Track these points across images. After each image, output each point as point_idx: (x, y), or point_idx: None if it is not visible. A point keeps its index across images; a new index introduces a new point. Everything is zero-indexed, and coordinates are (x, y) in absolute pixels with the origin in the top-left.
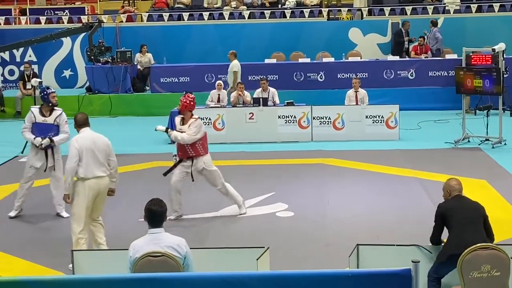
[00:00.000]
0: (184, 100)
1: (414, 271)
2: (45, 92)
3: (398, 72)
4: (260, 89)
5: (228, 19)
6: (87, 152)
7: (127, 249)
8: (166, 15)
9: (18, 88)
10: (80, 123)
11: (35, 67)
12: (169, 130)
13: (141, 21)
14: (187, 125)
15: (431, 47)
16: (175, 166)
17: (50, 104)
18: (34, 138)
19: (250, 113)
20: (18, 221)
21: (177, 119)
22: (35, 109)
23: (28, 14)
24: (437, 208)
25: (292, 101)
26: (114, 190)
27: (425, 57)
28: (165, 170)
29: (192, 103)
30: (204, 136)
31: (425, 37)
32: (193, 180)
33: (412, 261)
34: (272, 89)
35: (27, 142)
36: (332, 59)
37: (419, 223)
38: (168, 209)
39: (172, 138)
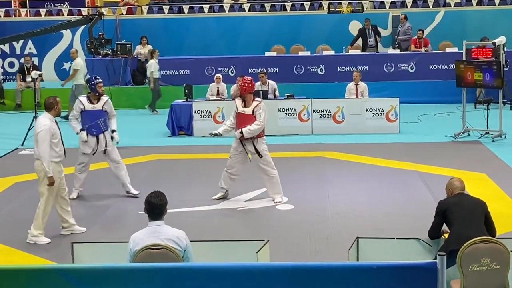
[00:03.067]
0: (242, 84)
1: (440, 264)
2: (92, 82)
3: (398, 65)
4: (259, 82)
5: (229, 12)
6: None
7: (127, 242)
8: (166, 8)
9: (21, 80)
10: (44, 107)
11: (35, 60)
12: (240, 132)
13: (141, 13)
14: (251, 108)
15: (401, 40)
16: (244, 147)
17: (97, 94)
18: (80, 130)
19: None
20: (17, 214)
21: (238, 102)
22: (83, 98)
23: (28, 6)
24: (438, 205)
25: (292, 94)
26: (48, 179)
27: (425, 51)
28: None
29: (250, 85)
30: None
31: (398, 31)
32: (250, 161)
33: (438, 254)
34: (271, 82)
35: (27, 134)
36: (332, 52)
37: (419, 216)
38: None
39: (248, 136)
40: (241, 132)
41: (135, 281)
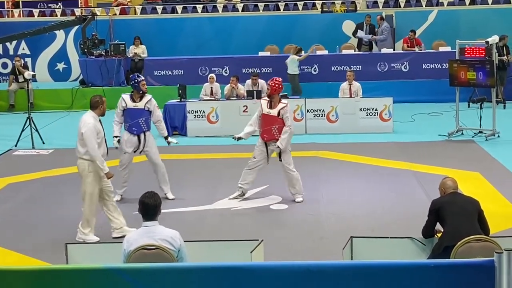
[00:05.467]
0: (273, 84)
1: (498, 262)
2: (135, 80)
3: (391, 64)
4: (250, 81)
5: (222, 11)
6: None
7: (121, 242)
8: (159, 8)
9: (14, 81)
10: (90, 106)
11: (28, 60)
12: (278, 147)
13: (135, 13)
14: (276, 110)
15: (380, 41)
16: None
17: (141, 92)
18: (114, 137)
19: (244, 106)
20: (11, 216)
21: (263, 102)
22: (126, 96)
23: (21, 7)
24: (431, 204)
25: (286, 94)
26: (105, 175)
27: (418, 50)
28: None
29: (280, 86)
30: None
31: (377, 31)
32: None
33: (496, 252)
34: (261, 81)
35: (20, 135)
36: (325, 52)
37: (413, 215)
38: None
39: (286, 146)
40: (279, 147)
41: (126, 281)
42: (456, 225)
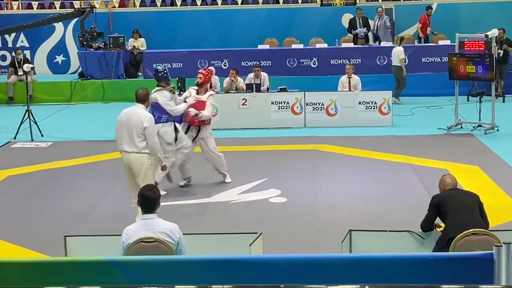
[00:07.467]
0: (206, 73)
1: (497, 255)
2: (164, 72)
3: (391, 58)
4: (253, 74)
5: (221, 4)
6: (121, 126)
7: (120, 235)
8: (158, 1)
9: (13, 74)
10: (137, 99)
11: (27, 53)
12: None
13: (134, 6)
14: (206, 96)
15: (381, 35)
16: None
17: (170, 82)
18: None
19: (243, 99)
20: (10, 208)
21: (193, 90)
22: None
23: None
24: (431, 199)
25: (285, 87)
26: (163, 167)
27: (428, 33)
28: None
29: (210, 75)
30: None
31: (377, 25)
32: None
33: (495, 245)
34: (263, 74)
35: (19, 128)
36: (325, 45)
37: (412, 209)
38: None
39: (199, 115)
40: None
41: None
42: (459, 217)
